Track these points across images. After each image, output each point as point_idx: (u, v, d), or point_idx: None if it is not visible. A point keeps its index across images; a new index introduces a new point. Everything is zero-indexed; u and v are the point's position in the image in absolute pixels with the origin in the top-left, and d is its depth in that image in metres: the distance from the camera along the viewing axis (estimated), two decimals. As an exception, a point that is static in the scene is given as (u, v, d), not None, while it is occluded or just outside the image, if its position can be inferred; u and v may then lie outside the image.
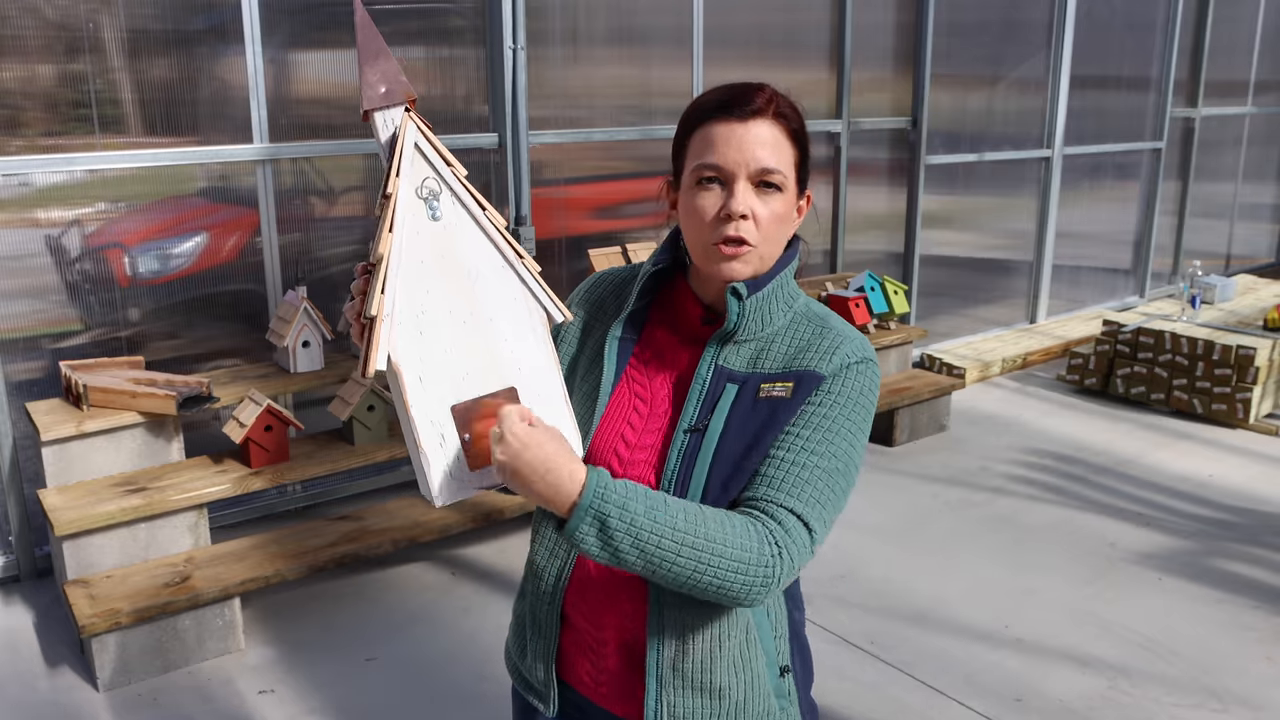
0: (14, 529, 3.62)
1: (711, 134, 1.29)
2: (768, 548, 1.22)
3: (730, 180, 1.28)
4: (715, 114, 1.29)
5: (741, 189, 1.27)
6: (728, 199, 1.28)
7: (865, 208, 5.84)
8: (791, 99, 1.33)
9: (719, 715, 1.37)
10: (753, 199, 1.28)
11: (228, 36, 3.78)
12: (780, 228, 1.32)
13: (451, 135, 4.32)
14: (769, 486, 1.26)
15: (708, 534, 1.20)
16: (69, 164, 3.57)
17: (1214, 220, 8.45)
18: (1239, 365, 5.18)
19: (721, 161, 1.27)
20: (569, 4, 4.56)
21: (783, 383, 1.31)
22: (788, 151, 1.30)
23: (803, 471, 1.26)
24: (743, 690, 1.37)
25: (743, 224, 1.28)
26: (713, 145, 1.28)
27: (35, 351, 3.63)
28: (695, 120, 1.32)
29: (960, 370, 5.79)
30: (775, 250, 1.33)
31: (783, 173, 1.29)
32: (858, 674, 3.13)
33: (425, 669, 3.17)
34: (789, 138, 1.30)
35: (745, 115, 1.28)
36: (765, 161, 1.27)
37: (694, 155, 1.31)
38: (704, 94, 1.33)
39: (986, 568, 3.80)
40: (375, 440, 3.69)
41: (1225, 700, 3.01)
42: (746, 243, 1.28)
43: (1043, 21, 6.48)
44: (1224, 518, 4.23)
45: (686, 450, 1.31)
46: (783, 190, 1.30)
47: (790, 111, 1.32)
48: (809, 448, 1.27)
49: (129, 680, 3.07)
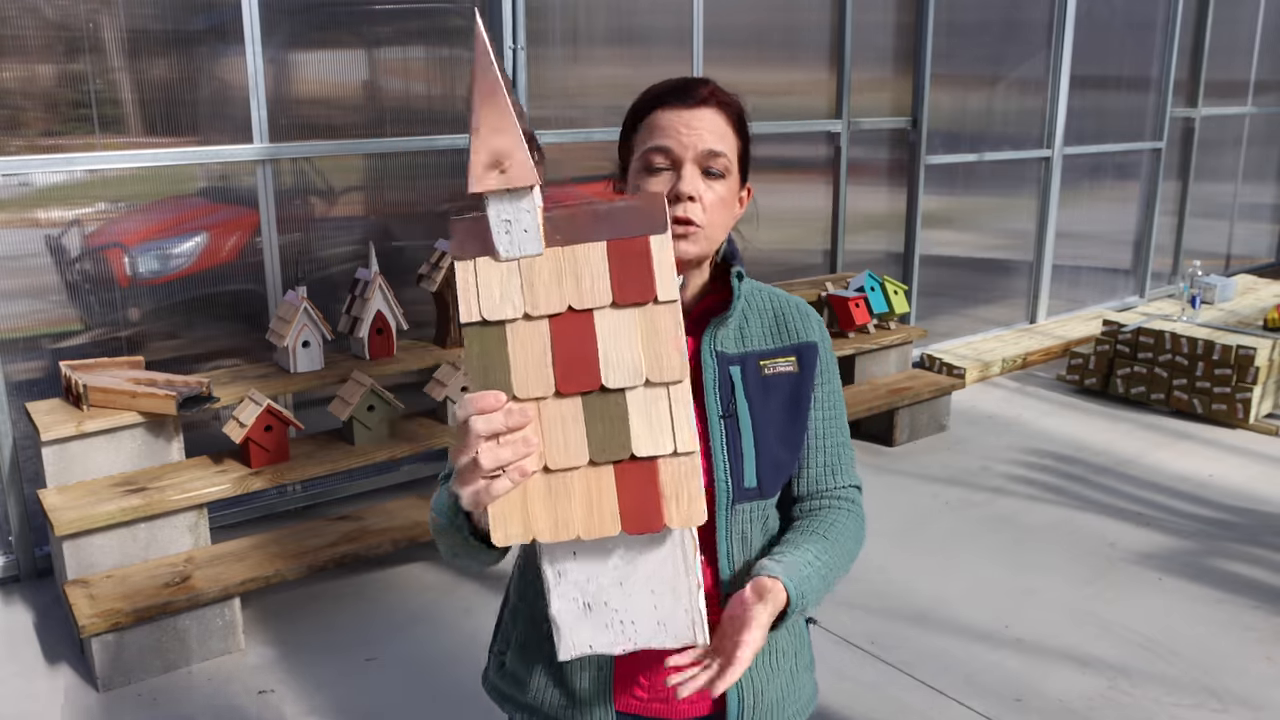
0: (14, 529, 3.62)
1: (659, 120, 1.33)
2: (863, 524, 1.48)
3: (678, 164, 1.32)
4: (663, 101, 1.34)
5: (689, 172, 1.31)
6: (676, 181, 1.31)
7: (865, 208, 5.84)
8: (734, 94, 1.39)
9: (783, 674, 1.45)
10: (699, 183, 1.32)
11: (228, 36, 3.78)
12: (724, 212, 1.36)
13: (452, 135, 4.32)
14: (834, 475, 1.46)
15: (846, 551, 1.41)
16: (69, 164, 3.57)
17: (1214, 220, 8.45)
18: (1239, 365, 5.18)
19: (670, 144, 1.31)
20: (569, 4, 4.56)
21: (784, 358, 1.41)
22: (732, 139, 1.36)
23: (844, 450, 1.48)
24: (793, 643, 1.48)
25: (690, 205, 1.31)
26: (661, 130, 1.32)
27: (35, 351, 3.63)
28: (644, 109, 1.36)
29: (960, 370, 5.79)
30: (719, 235, 1.38)
31: (727, 158, 1.34)
32: (858, 674, 3.13)
33: (426, 669, 3.16)
34: (732, 127, 1.36)
35: (692, 103, 1.33)
36: (712, 145, 1.32)
37: (642, 141, 1.34)
38: (650, 87, 1.38)
39: (986, 568, 3.80)
40: (375, 440, 3.69)
41: (1225, 700, 3.01)
42: (694, 223, 1.32)
43: (1043, 21, 6.48)
44: (1224, 518, 4.23)
45: (728, 440, 1.35)
46: (726, 177, 1.34)
47: (733, 102, 1.37)
48: (838, 424, 1.47)
49: (129, 680, 3.07)
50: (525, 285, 1.04)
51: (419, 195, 4.33)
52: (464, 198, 4.44)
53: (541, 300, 1.05)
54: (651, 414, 1.05)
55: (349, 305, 3.95)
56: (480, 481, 1.05)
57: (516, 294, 1.04)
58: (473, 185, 1.03)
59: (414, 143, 4.23)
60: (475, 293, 1.03)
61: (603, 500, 1.05)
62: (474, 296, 1.03)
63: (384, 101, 4.21)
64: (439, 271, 4.00)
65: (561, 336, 1.04)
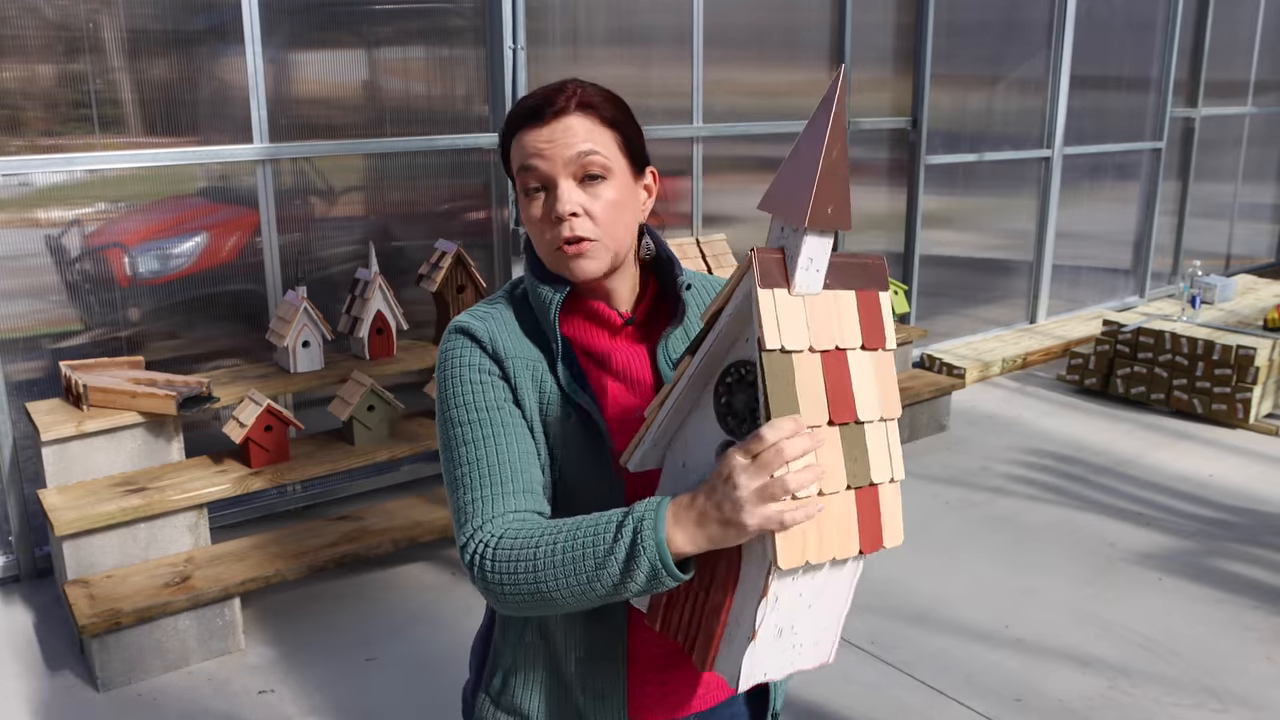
0: (14, 529, 3.62)
1: (524, 143, 1.28)
2: None
3: (551, 184, 1.27)
4: (523, 123, 1.28)
5: (565, 188, 1.26)
6: (554, 202, 1.26)
7: (865, 208, 5.84)
8: (602, 89, 1.31)
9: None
10: (579, 195, 1.26)
11: (228, 36, 3.78)
12: (619, 214, 1.29)
13: (452, 135, 4.32)
14: None
15: None
16: (69, 164, 3.57)
17: (1214, 220, 8.45)
18: (1239, 365, 5.18)
19: (537, 164, 1.26)
20: (569, 4, 4.56)
21: None
22: (604, 136, 1.28)
23: None
24: None
25: (575, 222, 1.26)
26: (526, 153, 1.27)
27: (35, 351, 3.63)
28: (509, 133, 1.31)
29: (960, 370, 5.79)
30: (624, 237, 1.31)
31: (601, 154, 1.27)
32: (859, 674, 3.13)
33: (426, 669, 3.16)
34: (602, 124, 1.28)
35: (550, 116, 1.26)
36: (578, 147, 1.26)
37: (515, 166, 1.30)
38: (515, 103, 1.32)
39: (987, 568, 3.80)
40: (375, 440, 3.69)
41: (1225, 700, 3.01)
42: (586, 239, 1.27)
43: (1043, 21, 6.48)
44: (1224, 518, 4.23)
45: None
46: (607, 177, 1.28)
47: (599, 100, 1.29)
48: None
49: (129, 680, 3.07)
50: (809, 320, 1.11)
51: (419, 195, 4.33)
52: (464, 198, 4.44)
53: (818, 336, 1.11)
54: (881, 445, 1.15)
55: (349, 305, 3.95)
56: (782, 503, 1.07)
57: (803, 328, 1.10)
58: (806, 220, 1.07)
59: (414, 143, 4.23)
60: (776, 321, 1.08)
61: (848, 523, 1.13)
62: (775, 325, 1.08)
63: (384, 101, 4.21)
64: (439, 271, 4.00)
65: (829, 371, 1.12)
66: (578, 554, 1.13)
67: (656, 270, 1.39)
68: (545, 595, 1.15)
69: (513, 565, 1.16)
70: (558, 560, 1.14)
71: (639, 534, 1.10)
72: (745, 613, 1.13)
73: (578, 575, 1.13)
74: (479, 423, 1.27)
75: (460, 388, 1.29)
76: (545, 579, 1.15)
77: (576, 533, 1.15)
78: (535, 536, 1.17)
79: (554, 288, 1.31)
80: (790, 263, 1.10)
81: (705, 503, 1.09)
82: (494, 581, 1.18)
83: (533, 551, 1.16)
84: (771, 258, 1.10)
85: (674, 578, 1.11)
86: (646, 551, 1.10)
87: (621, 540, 1.11)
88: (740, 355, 1.15)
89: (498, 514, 1.22)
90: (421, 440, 3.74)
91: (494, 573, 1.18)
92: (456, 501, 1.26)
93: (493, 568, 1.18)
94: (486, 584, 1.19)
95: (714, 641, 1.16)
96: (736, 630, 1.14)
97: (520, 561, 1.16)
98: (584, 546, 1.13)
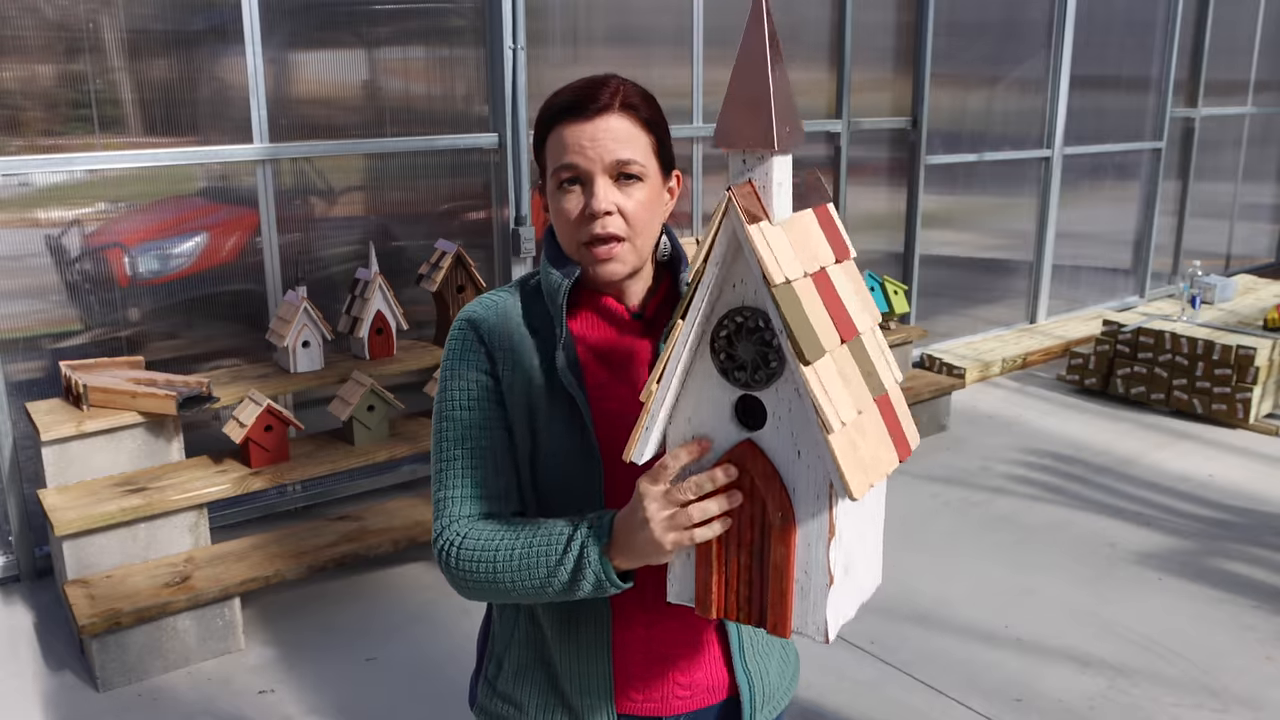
0: (14, 529, 3.62)
1: (564, 136, 1.28)
2: None
3: (589, 179, 1.28)
4: (564, 116, 1.29)
5: (601, 186, 1.27)
6: (589, 198, 1.27)
7: (865, 208, 5.84)
8: (641, 88, 1.32)
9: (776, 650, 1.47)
10: (615, 194, 1.28)
11: (228, 36, 3.78)
12: (649, 215, 1.32)
13: (451, 135, 4.32)
14: None
15: None
16: (69, 164, 3.57)
17: (1214, 220, 8.45)
18: (1239, 365, 5.18)
19: (577, 161, 1.27)
20: (569, 4, 4.56)
21: None
22: (642, 140, 1.30)
23: None
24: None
25: (609, 220, 1.28)
26: (566, 147, 1.28)
27: (35, 351, 3.63)
28: (547, 125, 1.31)
29: (960, 370, 5.79)
30: (650, 237, 1.34)
31: (639, 162, 1.29)
32: (858, 674, 3.13)
33: (425, 669, 3.16)
34: (641, 126, 1.30)
35: (593, 113, 1.27)
36: (619, 154, 1.27)
37: (552, 159, 1.30)
38: (552, 95, 1.33)
39: (987, 568, 3.80)
40: (375, 440, 3.69)
41: (1225, 700, 3.01)
42: (617, 238, 1.29)
43: (1043, 21, 6.48)
44: (1224, 518, 4.23)
45: None
46: (643, 179, 1.30)
47: (639, 101, 1.31)
48: None
49: (129, 680, 3.07)
50: (794, 247, 1.08)
51: (419, 195, 4.33)
52: (464, 198, 4.44)
53: (807, 261, 1.09)
54: (878, 352, 1.15)
55: (349, 305, 3.95)
56: (690, 531, 1.15)
57: (793, 256, 1.07)
58: (776, 144, 1.05)
59: (414, 143, 4.23)
60: (773, 255, 1.05)
61: (884, 435, 1.12)
62: (773, 258, 1.05)
63: (384, 101, 4.21)
64: (439, 271, 4.00)
65: (822, 292, 1.10)
66: (531, 561, 1.24)
67: (671, 268, 1.41)
68: (503, 591, 1.28)
69: (474, 565, 1.28)
70: (514, 565, 1.25)
71: (584, 550, 1.21)
72: (815, 559, 1.10)
73: (531, 579, 1.25)
74: (462, 422, 1.34)
75: (452, 383, 1.35)
76: (502, 579, 1.26)
77: (532, 541, 1.25)
78: (496, 539, 1.28)
79: (564, 272, 1.34)
80: (763, 192, 1.08)
81: (627, 525, 1.18)
82: (457, 573, 1.30)
83: (492, 554, 1.27)
84: (746, 192, 1.08)
85: (617, 587, 1.22)
86: (590, 565, 1.21)
87: (570, 553, 1.22)
88: (732, 303, 1.11)
89: (466, 515, 1.32)
90: (421, 440, 3.74)
91: (458, 568, 1.30)
92: (434, 493, 1.36)
93: (457, 564, 1.30)
94: (451, 574, 1.31)
95: (788, 600, 1.12)
96: (809, 581, 1.11)
97: (481, 562, 1.28)
98: (537, 555, 1.24)
